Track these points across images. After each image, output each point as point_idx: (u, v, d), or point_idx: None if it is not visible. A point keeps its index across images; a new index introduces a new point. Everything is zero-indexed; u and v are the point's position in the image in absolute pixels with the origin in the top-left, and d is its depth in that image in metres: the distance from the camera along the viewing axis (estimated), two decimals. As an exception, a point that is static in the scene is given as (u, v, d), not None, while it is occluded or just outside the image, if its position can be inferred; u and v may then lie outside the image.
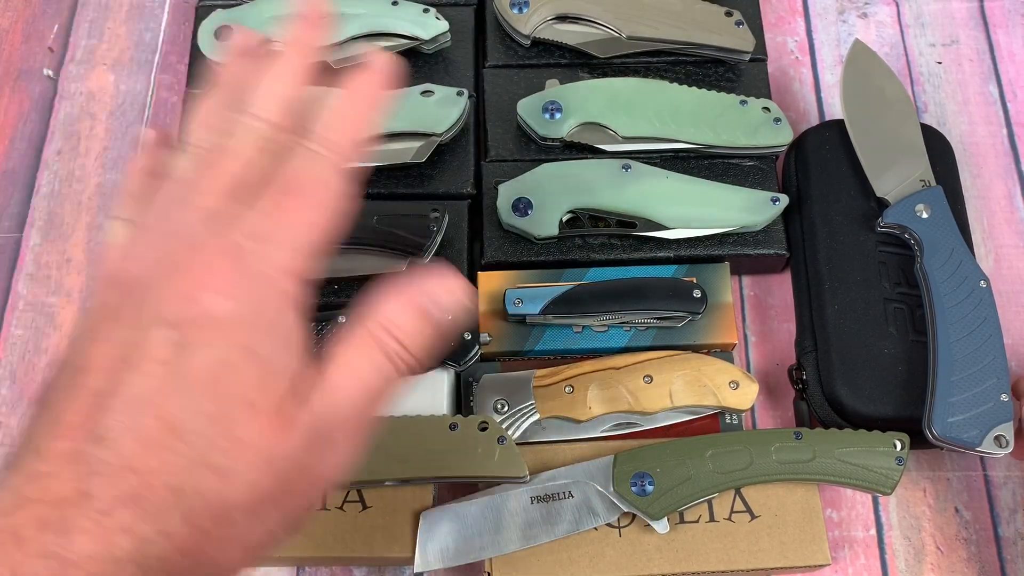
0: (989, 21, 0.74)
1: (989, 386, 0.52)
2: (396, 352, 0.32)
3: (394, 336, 0.32)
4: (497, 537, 0.51)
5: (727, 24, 0.65)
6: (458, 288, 0.33)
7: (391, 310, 0.32)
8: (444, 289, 0.33)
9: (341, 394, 0.31)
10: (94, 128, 0.69)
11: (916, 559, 0.56)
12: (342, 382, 0.31)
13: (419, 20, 0.63)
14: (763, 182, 0.62)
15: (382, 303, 0.32)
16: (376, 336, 0.32)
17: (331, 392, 0.31)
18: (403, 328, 0.32)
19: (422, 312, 0.32)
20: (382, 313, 0.32)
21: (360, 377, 0.31)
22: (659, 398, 0.54)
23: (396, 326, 0.32)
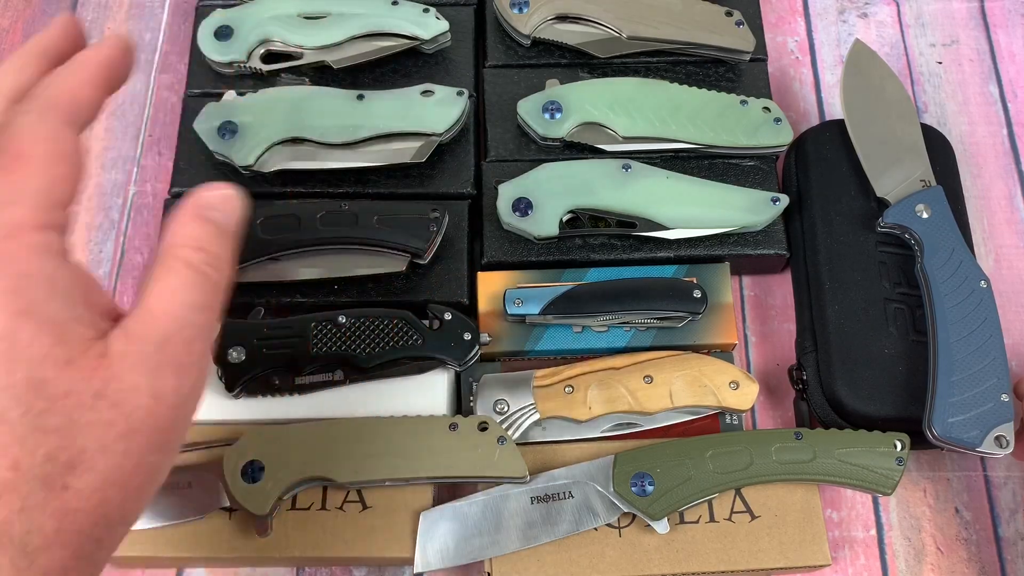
0: (989, 21, 0.74)
1: (989, 386, 0.52)
2: (201, 260, 0.33)
3: (191, 247, 0.33)
4: (497, 537, 0.51)
5: (727, 24, 0.65)
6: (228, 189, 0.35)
7: (180, 227, 0.34)
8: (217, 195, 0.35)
9: (161, 314, 0.32)
10: (94, 128, 0.69)
11: (916, 559, 0.56)
12: (158, 304, 0.32)
13: (419, 20, 0.63)
14: (763, 182, 0.62)
15: (168, 227, 0.34)
16: (175, 254, 0.33)
17: (149, 317, 0.32)
18: (195, 236, 0.34)
19: (205, 219, 0.34)
20: (172, 234, 0.34)
21: (174, 293, 0.32)
22: (659, 398, 0.54)
23: (189, 237, 0.33)
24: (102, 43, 0.36)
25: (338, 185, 0.61)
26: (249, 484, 0.50)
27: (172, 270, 0.33)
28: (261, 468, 0.50)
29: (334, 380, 0.55)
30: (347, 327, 0.54)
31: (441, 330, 0.55)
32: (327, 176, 0.61)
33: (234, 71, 0.64)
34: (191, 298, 0.32)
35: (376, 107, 0.60)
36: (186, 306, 0.32)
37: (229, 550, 0.52)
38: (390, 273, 0.57)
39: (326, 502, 0.53)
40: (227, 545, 0.52)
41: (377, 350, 0.54)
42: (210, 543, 0.52)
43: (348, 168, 0.60)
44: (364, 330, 0.54)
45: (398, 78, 0.65)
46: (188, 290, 0.33)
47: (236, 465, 0.50)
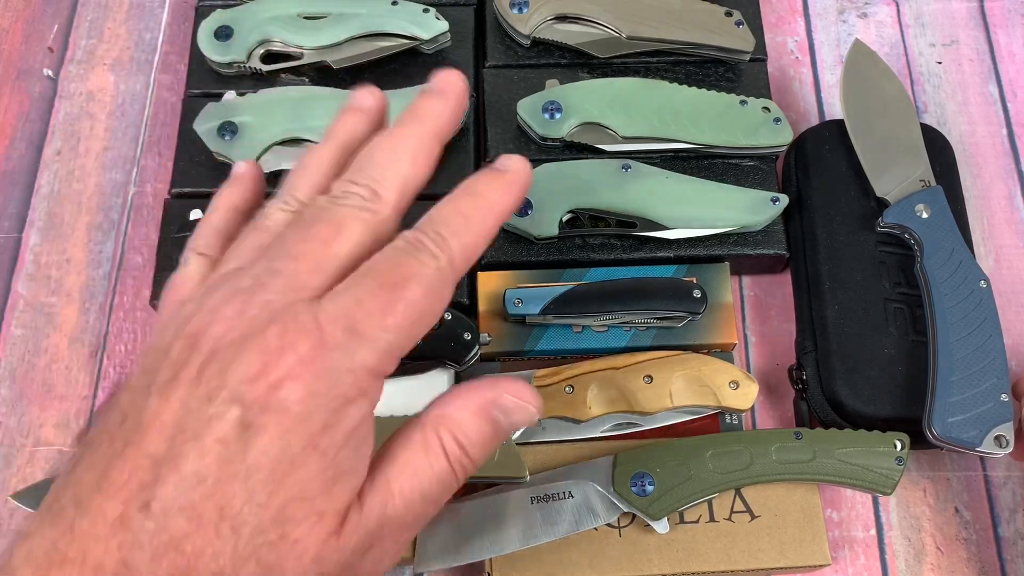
0: (989, 21, 0.74)
1: (989, 386, 0.52)
2: (458, 458, 0.31)
3: (458, 441, 0.31)
4: (497, 537, 0.51)
5: (727, 24, 0.65)
6: (528, 397, 0.32)
7: (458, 414, 0.31)
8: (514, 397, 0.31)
9: (398, 494, 0.30)
10: (94, 128, 0.69)
11: (916, 559, 0.56)
12: (402, 487, 0.30)
13: (419, 20, 0.63)
14: (763, 182, 0.62)
15: (450, 404, 0.31)
16: (441, 439, 0.30)
17: (390, 497, 0.29)
18: (468, 435, 0.31)
19: (490, 419, 0.31)
20: (449, 416, 0.31)
21: (420, 482, 0.30)
22: (659, 398, 0.54)
23: (462, 431, 0.31)
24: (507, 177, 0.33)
25: (338, 185, 0.61)
26: (249, 484, 0.50)
27: (431, 455, 0.30)
28: (261, 468, 0.50)
29: (334, 380, 0.55)
30: (347, 327, 0.54)
31: (441, 330, 0.55)
32: (327, 176, 0.61)
33: (234, 71, 0.64)
34: (430, 490, 0.30)
35: (376, 107, 0.60)
36: (422, 496, 0.30)
37: (229, 550, 0.52)
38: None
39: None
40: (227, 545, 0.52)
41: (377, 350, 0.54)
42: (210, 543, 0.52)
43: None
44: None
45: (398, 78, 0.65)
46: (431, 480, 0.30)
47: (236, 465, 0.50)
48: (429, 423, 0.31)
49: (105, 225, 0.65)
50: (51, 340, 0.61)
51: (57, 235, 0.65)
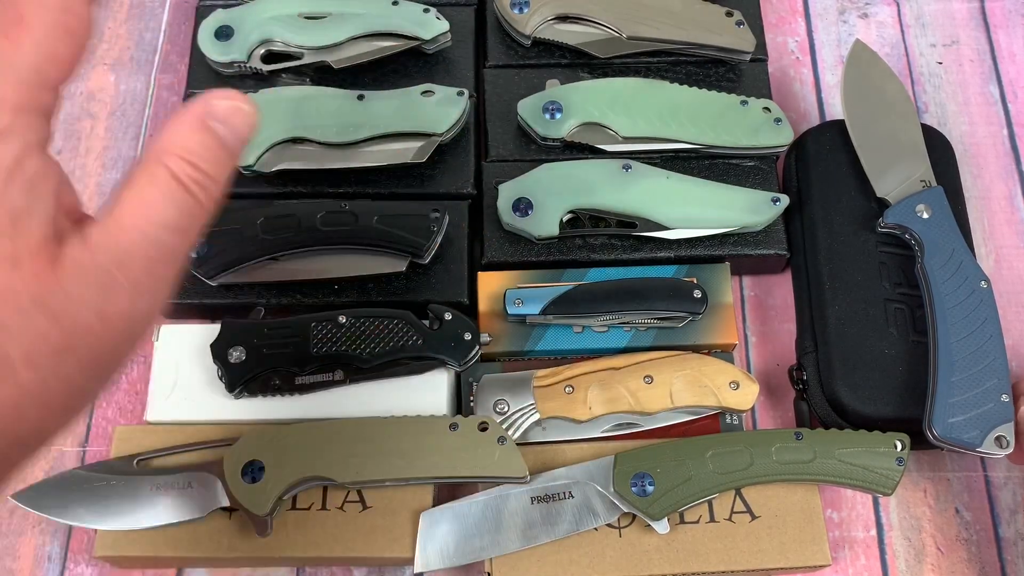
0: (990, 21, 0.74)
1: (990, 387, 0.52)
2: (190, 176, 0.29)
3: (185, 159, 0.29)
4: (497, 537, 0.51)
5: (728, 24, 0.65)
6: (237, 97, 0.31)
7: (174, 137, 0.29)
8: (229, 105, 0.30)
9: (129, 227, 0.28)
10: (94, 128, 0.69)
11: (916, 560, 0.56)
12: (129, 216, 0.28)
13: (419, 20, 0.63)
14: (764, 182, 0.62)
15: (169, 130, 0.29)
16: (164, 163, 0.29)
17: (116, 227, 0.28)
18: (192, 150, 0.29)
19: (209, 130, 0.30)
20: (167, 139, 0.29)
21: (150, 207, 0.28)
22: (659, 398, 0.54)
23: (184, 149, 0.29)
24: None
25: (338, 185, 0.61)
26: (249, 484, 0.50)
27: (154, 179, 0.29)
28: (261, 468, 0.50)
29: (334, 380, 0.55)
30: (347, 327, 0.54)
31: (441, 330, 0.55)
32: (327, 176, 0.61)
33: (234, 71, 0.64)
34: (167, 216, 0.28)
35: (376, 107, 0.60)
36: (159, 224, 0.28)
37: (229, 550, 0.52)
38: (390, 273, 0.57)
39: (326, 502, 0.53)
40: (227, 545, 0.52)
41: (377, 350, 0.54)
42: (210, 543, 0.52)
43: (348, 168, 0.60)
44: (364, 330, 0.54)
45: (398, 78, 0.65)
46: (166, 206, 0.29)
47: (236, 465, 0.50)
48: (149, 158, 0.29)
49: None
50: (51, 340, 0.61)
51: (57, 235, 0.65)
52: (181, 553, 0.52)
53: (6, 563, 0.55)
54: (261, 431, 0.52)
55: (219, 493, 0.51)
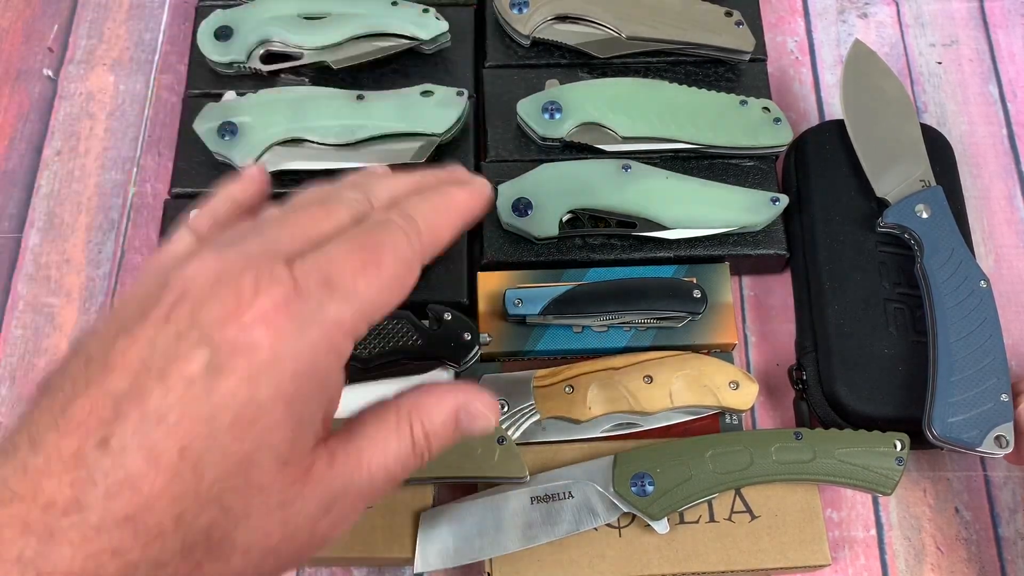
0: (989, 21, 0.74)
1: (989, 386, 0.52)
2: (422, 447, 0.32)
3: (426, 432, 0.32)
4: (497, 537, 0.51)
5: (727, 24, 0.65)
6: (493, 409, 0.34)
7: (432, 406, 0.33)
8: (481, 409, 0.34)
9: (365, 467, 0.31)
10: (94, 128, 0.69)
11: (916, 559, 0.56)
12: (369, 457, 0.31)
13: (419, 20, 0.63)
14: (763, 182, 0.62)
15: (426, 397, 0.33)
16: (412, 425, 0.32)
17: (356, 462, 0.31)
18: (436, 428, 0.33)
19: (456, 421, 0.33)
20: (423, 407, 0.33)
21: (386, 456, 0.32)
22: (659, 398, 0.54)
23: (431, 423, 0.33)
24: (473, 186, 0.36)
25: (338, 185, 0.61)
26: (249, 484, 0.50)
27: (400, 436, 0.32)
28: (261, 468, 0.50)
29: (334, 380, 0.55)
30: (347, 327, 0.54)
31: (441, 330, 0.55)
32: (327, 176, 0.61)
33: (234, 71, 0.64)
34: (393, 468, 0.32)
35: (376, 107, 0.60)
36: (386, 472, 0.32)
37: (229, 550, 0.52)
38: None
39: (326, 502, 0.53)
40: (227, 545, 0.52)
41: (377, 350, 0.54)
42: (210, 543, 0.52)
43: (348, 168, 0.60)
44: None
45: (398, 78, 0.65)
46: (398, 462, 0.32)
47: (236, 465, 0.50)
48: (404, 408, 0.32)
49: (105, 225, 0.65)
50: (51, 340, 0.61)
51: (57, 235, 0.65)
52: (181, 553, 0.52)
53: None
54: (261, 431, 0.52)
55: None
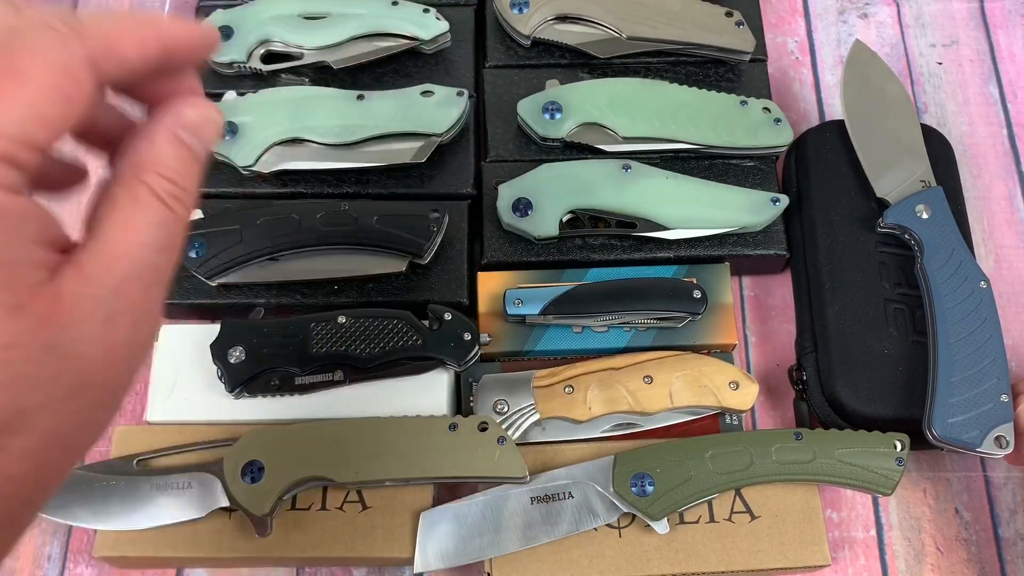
0: (989, 22, 0.74)
1: (989, 387, 0.52)
2: (169, 192, 0.29)
3: (163, 176, 0.29)
4: (497, 537, 0.51)
5: (727, 24, 0.65)
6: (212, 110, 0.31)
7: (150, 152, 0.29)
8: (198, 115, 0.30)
9: (120, 254, 0.28)
10: (94, 128, 0.68)
11: (916, 560, 0.56)
12: (118, 242, 0.28)
13: (419, 20, 0.63)
14: (763, 182, 0.62)
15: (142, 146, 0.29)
16: (144, 181, 0.29)
17: (108, 255, 0.28)
18: (168, 165, 0.29)
19: (182, 143, 0.30)
20: (142, 155, 0.29)
21: (137, 230, 0.28)
22: (659, 398, 0.54)
23: (161, 165, 0.29)
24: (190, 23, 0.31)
25: (338, 185, 0.61)
26: (249, 484, 0.50)
27: (137, 200, 0.29)
28: (261, 468, 0.50)
29: (334, 380, 0.55)
30: (347, 327, 0.54)
31: (441, 330, 0.55)
32: (327, 176, 0.61)
33: (234, 71, 0.64)
34: (155, 237, 0.29)
35: (376, 107, 0.60)
36: (149, 246, 0.28)
37: (229, 550, 0.52)
38: (390, 273, 0.57)
39: (326, 502, 0.53)
40: (227, 545, 0.52)
41: (377, 350, 0.54)
42: (210, 543, 0.52)
43: (348, 168, 0.60)
44: (364, 330, 0.54)
45: (398, 78, 0.65)
46: (153, 227, 0.29)
47: (236, 465, 0.50)
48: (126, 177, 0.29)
49: None
50: (51, 340, 0.61)
51: (57, 235, 0.64)
52: (181, 553, 0.52)
53: (6, 562, 0.55)
54: (261, 431, 0.52)
55: (219, 493, 0.51)
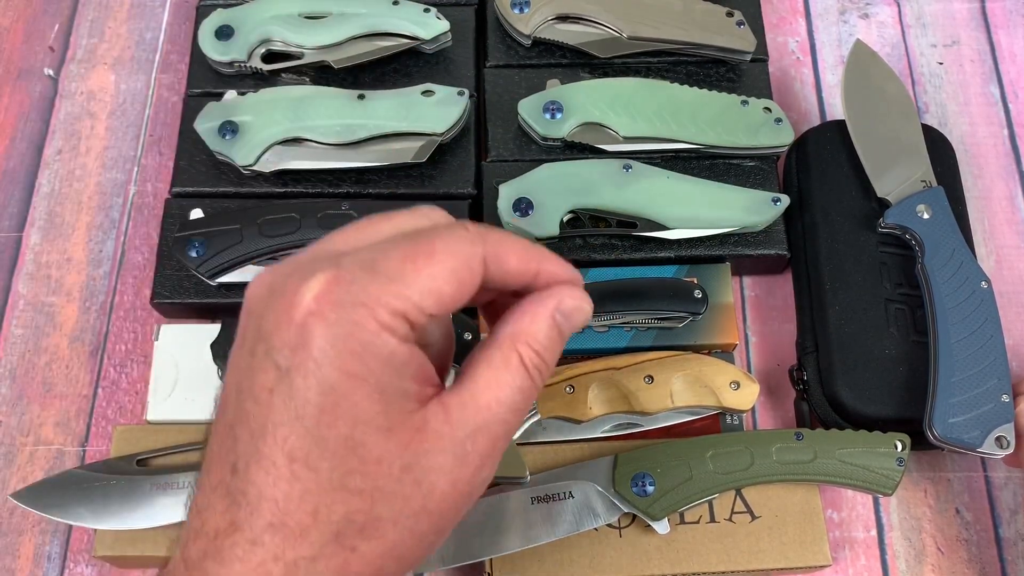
0: (990, 21, 0.74)
1: (990, 387, 0.52)
2: (534, 363, 0.33)
3: (534, 350, 0.33)
4: (497, 538, 0.51)
5: (728, 24, 0.65)
6: (581, 297, 0.35)
7: (531, 327, 0.33)
8: (575, 305, 0.34)
9: (483, 406, 0.32)
10: (94, 128, 0.69)
11: (917, 560, 0.56)
12: (484, 395, 0.32)
13: (420, 20, 0.63)
14: (764, 182, 0.62)
15: (521, 320, 0.34)
16: (520, 353, 0.33)
17: (473, 404, 0.32)
18: (541, 342, 0.33)
19: (556, 325, 0.34)
20: (523, 331, 0.33)
21: (502, 389, 0.32)
22: (660, 398, 0.54)
23: (536, 341, 0.33)
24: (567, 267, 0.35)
25: (338, 185, 0.61)
26: (249, 484, 0.50)
27: (509, 363, 0.33)
28: (261, 468, 0.50)
29: (334, 380, 0.55)
30: (347, 327, 0.54)
31: (441, 330, 0.54)
32: (328, 175, 0.61)
33: (235, 71, 0.64)
34: (513, 398, 0.32)
35: (376, 107, 0.60)
36: (506, 405, 0.32)
37: (229, 550, 0.52)
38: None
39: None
40: (227, 545, 0.52)
41: (377, 350, 0.54)
42: (210, 543, 0.52)
43: (348, 168, 0.60)
44: None
45: (398, 78, 0.65)
46: (514, 390, 0.32)
47: (236, 465, 0.50)
48: (506, 341, 0.33)
49: (105, 225, 0.65)
50: (51, 339, 0.61)
51: (57, 235, 0.65)
52: (181, 553, 0.52)
53: (6, 562, 0.55)
54: (261, 431, 0.52)
55: (219, 493, 0.51)
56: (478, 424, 0.32)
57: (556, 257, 0.35)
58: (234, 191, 0.61)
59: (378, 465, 0.29)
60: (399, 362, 0.30)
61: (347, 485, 0.29)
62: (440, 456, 0.31)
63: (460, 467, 0.31)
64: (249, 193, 0.61)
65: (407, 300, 0.30)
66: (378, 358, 0.30)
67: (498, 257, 0.33)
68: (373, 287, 0.30)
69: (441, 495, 0.31)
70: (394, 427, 0.30)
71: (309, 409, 0.29)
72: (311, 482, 0.29)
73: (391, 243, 0.32)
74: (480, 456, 0.32)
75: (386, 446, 0.30)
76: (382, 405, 0.30)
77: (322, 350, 0.29)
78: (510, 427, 0.33)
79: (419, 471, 0.30)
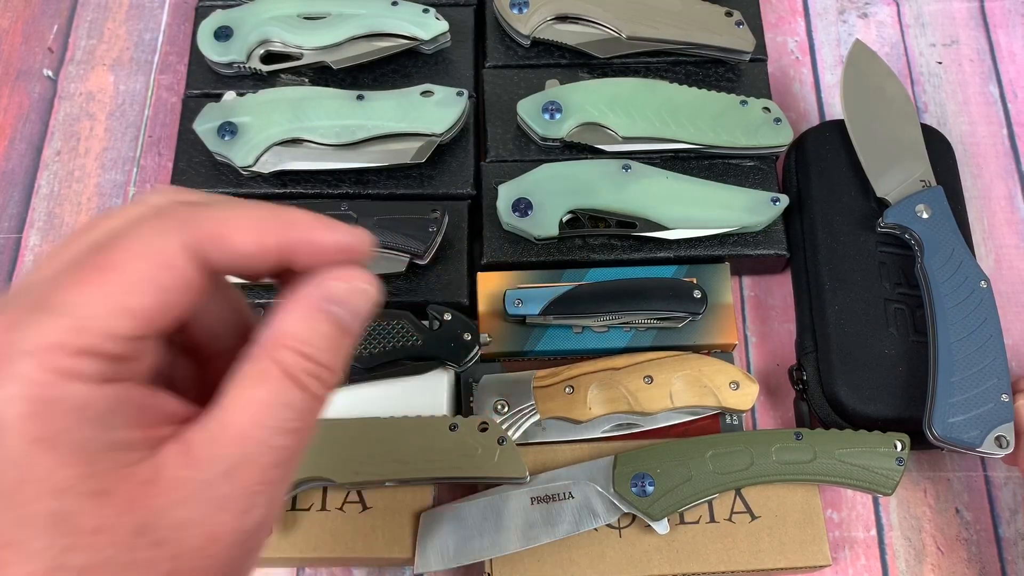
0: (989, 21, 0.74)
1: (989, 387, 0.52)
2: (305, 369, 0.27)
3: (298, 352, 0.27)
4: (497, 538, 0.51)
5: (727, 24, 0.65)
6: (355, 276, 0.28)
7: (288, 323, 0.27)
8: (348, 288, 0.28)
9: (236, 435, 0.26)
10: (94, 128, 0.69)
11: (917, 560, 0.56)
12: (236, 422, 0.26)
13: (419, 20, 0.63)
14: (763, 182, 0.62)
15: (280, 319, 0.27)
16: (274, 356, 0.27)
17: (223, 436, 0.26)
18: (307, 339, 0.27)
19: (328, 316, 0.28)
20: (278, 328, 0.27)
21: (259, 410, 0.26)
22: (659, 399, 0.54)
23: (298, 339, 0.27)
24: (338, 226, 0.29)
25: (338, 185, 0.61)
26: (249, 485, 0.50)
27: (264, 377, 0.26)
28: (261, 469, 0.50)
29: (334, 380, 0.55)
30: (347, 327, 0.54)
31: (441, 331, 0.55)
32: (327, 176, 0.61)
33: (234, 71, 0.64)
34: (279, 418, 0.26)
35: (376, 107, 0.60)
36: (269, 427, 0.26)
37: (229, 551, 0.52)
38: (390, 273, 0.57)
39: (326, 502, 0.53)
40: (227, 546, 0.52)
41: (377, 351, 0.54)
42: (210, 544, 0.52)
43: (348, 168, 0.60)
44: (364, 330, 0.54)
45: (398, 78, 0.65)
46: (278, 407, 0.26)
47: (236, 466, 0.50)
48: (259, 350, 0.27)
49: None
50: (51, 340, 0.61)
51: (57, 235, 0.65)
52: (181, 554, 0.52)
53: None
54: (261, 432, 0.52)
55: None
56: (236, 458, 0.26)
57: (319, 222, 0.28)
58: (233, 192, 0.61)
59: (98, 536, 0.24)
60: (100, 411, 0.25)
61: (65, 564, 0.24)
62: (184, 508, 0.25)
63: (218, 514, 0.26)
64: (248, 194, 0.61)
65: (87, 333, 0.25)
66: (67, 414, 0.24)
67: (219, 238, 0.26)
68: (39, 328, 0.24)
69: (195, 552, 0.25)
70: (109, 489, 0.25)
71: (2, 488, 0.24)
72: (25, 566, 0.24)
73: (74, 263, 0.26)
74: (246, 495, 0.26)
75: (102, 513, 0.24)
76: (86, 467, 0.24)
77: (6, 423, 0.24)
78: (288, 452, 0.27)
79: (159, 531, 0.25)
